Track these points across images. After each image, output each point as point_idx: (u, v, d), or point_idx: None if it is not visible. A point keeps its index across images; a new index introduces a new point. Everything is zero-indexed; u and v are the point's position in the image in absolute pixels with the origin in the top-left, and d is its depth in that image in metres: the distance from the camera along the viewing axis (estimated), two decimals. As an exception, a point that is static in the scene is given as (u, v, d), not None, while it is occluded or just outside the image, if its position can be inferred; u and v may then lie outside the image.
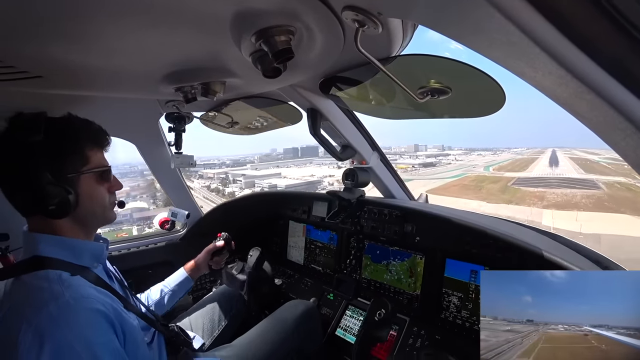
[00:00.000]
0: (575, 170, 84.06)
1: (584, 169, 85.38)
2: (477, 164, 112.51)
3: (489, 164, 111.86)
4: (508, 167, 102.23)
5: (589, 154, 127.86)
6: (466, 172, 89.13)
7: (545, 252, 1.32)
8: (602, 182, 63.81)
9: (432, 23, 0.64)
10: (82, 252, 1.02)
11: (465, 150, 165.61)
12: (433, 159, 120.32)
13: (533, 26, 0.44)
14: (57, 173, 0.94)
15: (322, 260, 2.37)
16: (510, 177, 74.02)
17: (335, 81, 1.34)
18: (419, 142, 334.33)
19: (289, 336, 1.63)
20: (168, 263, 2.32)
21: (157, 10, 0.67)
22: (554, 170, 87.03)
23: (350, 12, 0.71)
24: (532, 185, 63.46)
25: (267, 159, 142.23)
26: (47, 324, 0.80)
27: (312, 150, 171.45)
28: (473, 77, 1.01)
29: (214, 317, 1.78)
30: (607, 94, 0.46)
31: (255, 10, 0.71)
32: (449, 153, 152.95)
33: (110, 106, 1.67)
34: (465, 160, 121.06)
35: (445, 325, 1.69)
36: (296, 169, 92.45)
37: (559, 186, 61.11)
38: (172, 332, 1.34)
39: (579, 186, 58.92)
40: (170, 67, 1.05)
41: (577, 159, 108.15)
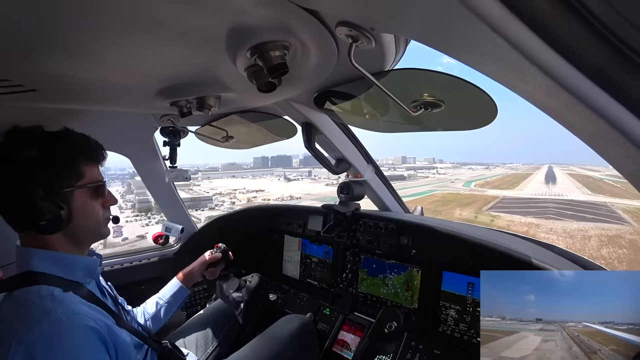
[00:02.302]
0: (578, 190, 67.63)
1: (590, 188, 69.02)
2: (461, 178, 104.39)
3: (475, 178, 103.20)
4: (495, 183, 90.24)
5: (588, 170, 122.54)
6: (438, 188, 79.37)
7: (542, 263, 1.32)
8: (620, 207, 46.41)
9: (424, 38, 0.66)
10: (75, 267, 1.01)
11: (455, 164, 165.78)
12: (412, 171, 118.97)
13: (521, 39, 0.45)
14: (51, 188, 0.94)
15: (318, 275, 2.34)
16: (493, 197, 60.66)
17: (329, 95, 1.35)
18: (407, 155, 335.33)
19: (284, 352, 1.60)
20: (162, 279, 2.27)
21: (152, 26, 0.68)
22: (550, 188, 72.79)
23: (344, 28, 0.72)
24: (520, 210, 47.62)
25: (232, 168, 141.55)
26: (38, 342, 0.78)
27: (283, 160, 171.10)
28: (465, 90, 1.03)
29: (207, 334, 1.74)
30: (595, 104, 0.47)
31: (250, 26, 0.72)
32: (435, 166, 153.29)
33: (105, 120, 1.66)
34: (449, 175, 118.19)
35: (443, 338, 1.67)
36: (243, 180, 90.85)
37: (560, 214, 43.37)
38: (165, 349, 1.31)
39: (591, 215, 40.95)
40: (166, 82, 1.05)
41: (576, 176, 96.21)
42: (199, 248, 1.88)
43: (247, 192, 64.64)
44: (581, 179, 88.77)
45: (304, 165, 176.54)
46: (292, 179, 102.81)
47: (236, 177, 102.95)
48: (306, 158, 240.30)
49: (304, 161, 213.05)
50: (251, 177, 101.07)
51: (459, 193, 65.37)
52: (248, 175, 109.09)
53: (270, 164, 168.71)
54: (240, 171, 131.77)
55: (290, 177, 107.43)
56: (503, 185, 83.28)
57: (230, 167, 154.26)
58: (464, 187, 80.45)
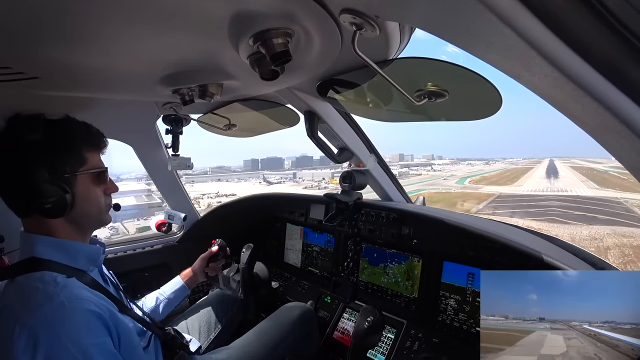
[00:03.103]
0: (582, 184, 57.85)
1: (595, 182, 58.80)
2: (457, 175, 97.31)
3: (471, 174, 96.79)
4: (492, 178, 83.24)
5: (590, 162, 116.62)
6: (427, 187, 72.60)
7: (542, 254, 1.32)
8: (637, 205, 39.63)
9: (429, 26, 0.65)
10: (78, 254, 1.02)
11: (454, 160, 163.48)
12: (405, 169, 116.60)
13: (529, 30, 0.44)
14: (54, 172, 0.94)
15: (320, 263, 2.36)
16: (487, 194, 51.88)
17: (332, 84, 1.34)
18: (405, 152, 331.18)
19: (285, 339, 1.63)
20: (165, 266, 2.31)
21: (155, 13, 0.67)
22: (552, 183, 63.80)
23: (347, 15, 0.71)
24: (517, 210, 39.38)
25: (220, 171, 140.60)
26: (41, 325, 0.80)
27: (273, 162, 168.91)
28: (470, 80, 1.02)
29: (210, 320, 1.77)
30: (602, 96, 0.46)
31: (253, 13, 0.71)
32: (433, 163, 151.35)
33: (107, 108, 1.66)
34: (445, 171, 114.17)
35: (442, 328, 1.69)
36: (227, 184, 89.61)
37: (565, 215, 35.24)
38: (169, 335, 1.34)
39: (603, 216, 31.49)
40: (168, 69, 1.05)
41: (580, 168, 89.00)
42: (201, 236, 1.90)
43: (216, 196, 61.58)
44: (585, 171, 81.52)
45: (297, 166, 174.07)
46: (275, 182, 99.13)
47: (221, 180, 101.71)
48: (298, 159, 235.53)
49: (296, 163, 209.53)
50: (236, 180, 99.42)
51: (448, 192, 56.45)
52: (234, 178, 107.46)
53: (260, 167, 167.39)
54: (227, 174, 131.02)
55: (271, 181, 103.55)
56: (501, 181, 75.60)
57: (219, 170, 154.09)
58: (457, 185, 72.33)
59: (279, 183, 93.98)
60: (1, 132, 0.94)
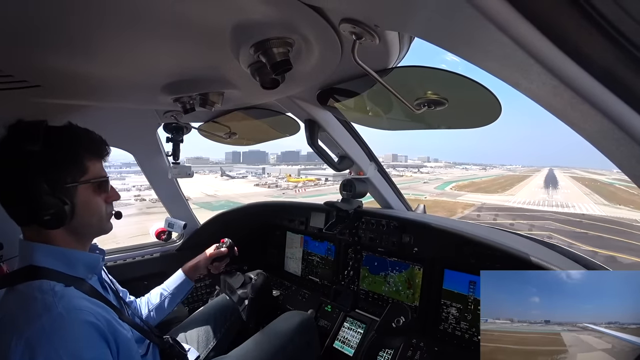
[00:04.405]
0: (587, 197, 48.26)
1: (603, 196, 49.10)
2: (443, 179, 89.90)
3: (460, 179, 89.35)
4: (482, 185, 73.70)
5: (592, 173, 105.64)
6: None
7: (543, 262, 1.32)
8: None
9: (428, 35, 0.65)
10: (77, 263, 1.01)
11: (449, 163, 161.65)
12: (391, 169, 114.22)
13: (527, 37, 0.44)
14: (55, 183, 0.93)
15: (320, 272, 2.35)
16: (465, 205, 42.95)
17: (332, 92, 1.35)
18: (399, 153, 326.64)
19: (285, 348, 1.61)
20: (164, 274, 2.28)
21: (157, 23, 0.68)
22: (550, 194, 53.74)
23: (347, 25, 0.72)
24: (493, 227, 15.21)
25: (197, 162, 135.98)
26: (38, 337, 0.79)
27: (256, 155, 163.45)
28: (469, 88, 1.03)
29: (209, 329, 1.75)
30: (601, 103, 0.46)
31: (254, 23, 0.72)
32: (425, 165, 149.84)
33: (108, 116, 1.67)
34: (435, 174, 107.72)
35: (444, 336, 1.67)
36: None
37: (566, 243, 13.76)
38: (167, 343, 1.32)
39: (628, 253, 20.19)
40: (169, 78, 1.05)
41: (581, 179, 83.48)
42: (201, 244, 1.89)
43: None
44: (587, 182, 73.54)
45: (282, 161, 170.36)
46: (237, 177, 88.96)
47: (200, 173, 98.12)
48: (284, 154, 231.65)
49: (281, 157, 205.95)
50: (205, 173, 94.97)
51: (417, 198, 45.55)
52: (206, 171, 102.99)
53: (242, 160, 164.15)
54: (200, 166, 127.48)
55: (230, 175, 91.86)
56: (491, 188, 65.62)
57: (197, 161, 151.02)
58: (436, 190, 62.99)
59: (242, 178, 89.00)
60: (2, 141, 0.92)
